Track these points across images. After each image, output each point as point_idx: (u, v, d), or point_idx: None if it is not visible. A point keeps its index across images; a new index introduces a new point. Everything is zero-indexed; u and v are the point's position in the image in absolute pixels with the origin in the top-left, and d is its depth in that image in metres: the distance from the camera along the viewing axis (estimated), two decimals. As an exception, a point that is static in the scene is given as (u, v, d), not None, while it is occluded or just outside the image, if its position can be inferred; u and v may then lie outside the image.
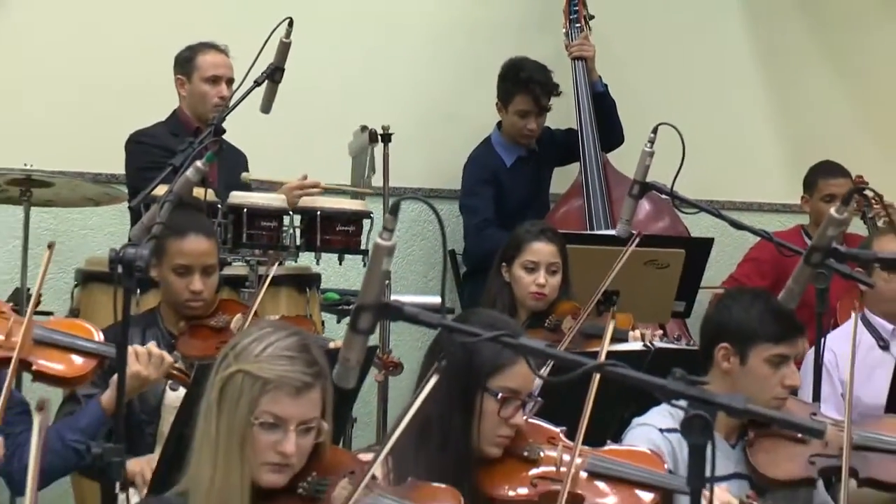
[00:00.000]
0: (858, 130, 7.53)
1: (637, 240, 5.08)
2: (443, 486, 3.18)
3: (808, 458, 4.05)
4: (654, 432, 3.96)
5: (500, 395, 3.43)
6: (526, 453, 3.53)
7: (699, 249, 5.82)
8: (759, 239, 5.69)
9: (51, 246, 4.49)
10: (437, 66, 6.75)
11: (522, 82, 6.42)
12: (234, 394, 2.93)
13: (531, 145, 6.57)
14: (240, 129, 5.19)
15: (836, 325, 5.46)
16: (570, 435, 3.55)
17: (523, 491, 3.50)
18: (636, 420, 4.06)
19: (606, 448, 3.74)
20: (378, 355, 4.76)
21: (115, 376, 3.80)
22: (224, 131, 4.80)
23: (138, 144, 5.75)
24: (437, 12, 6.79)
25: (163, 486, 3.45)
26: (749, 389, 3.92)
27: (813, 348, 4.72)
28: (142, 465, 4.18)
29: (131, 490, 4.01)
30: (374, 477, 3.02)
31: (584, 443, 3.52)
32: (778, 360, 4.04)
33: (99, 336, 4.14)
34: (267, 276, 4.81)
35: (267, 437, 2.92)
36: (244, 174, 5.56)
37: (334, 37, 6.27)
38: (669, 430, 3.95)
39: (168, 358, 4.09)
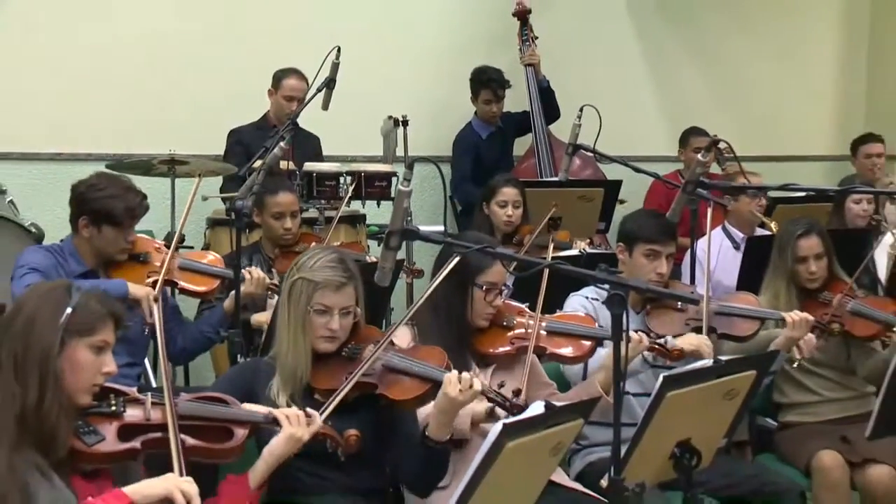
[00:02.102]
0: (714, 105, 7.47)
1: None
2: (436, 347, 3.19)
3: (685, 321, 4.02)
4: (582, 298, 3.97)
5: (484, 286, 3.49)
6: (504, 322, 3.60)
7: (612, 188, 5.78)
8: (652, 179, 5.84)
9: (205, 198, 4.82)
10: (438, 72, 6.71)
11: (485, 81, 6.42)
12: (296, 293, 3.01)
13: (497, 123, 6.53)
14: (314, 120, 5.19)
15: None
16: (533, 308, 3.63)
17: (505, 348, 3.56)
18: (571, 294, 4.04)
19: (557, 314, 3.81)
20: (405, 265, 4.80)
21: (233, 291, 3.93)
22: (297, 125, 4.80)
23: (229, 138, 5.78)
24: (437, 36, 6.75)
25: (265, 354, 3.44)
26: (634, 275, 3.90)
27: (689, 250, 4.77)
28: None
29: None
30: (391, 342, 3.07)
31: (541, 312, 3.63)
32: (651, 254, 3.99)
33: (220, 263, 4.18)
34: (331, 217, 4.94)
35: (319, 319, 2.99)
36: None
37: (371, 53, 6.23)
38: (592, 299, 3.96)
39: (266, 279, 4.11)
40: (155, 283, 3.83)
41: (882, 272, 5.23)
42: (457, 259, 3.15)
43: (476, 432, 3.35)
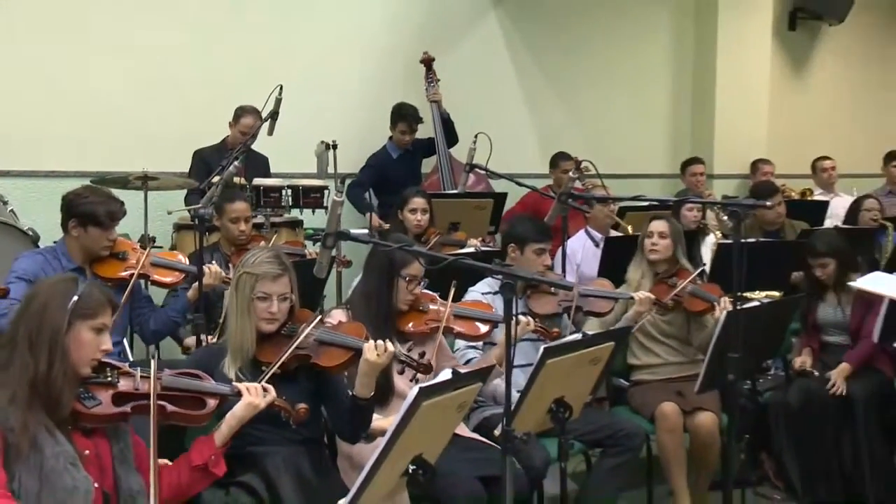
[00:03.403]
0: (574, 131, 7.44)
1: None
2: (357, 323, 3.20)
3: (558, 302, 4.06)
4: (479, 293, 3.97)
5: (407, 278, 3.50)
6: (421, 308, 3.59)
7: (500, 198, 5.78)
8: (528, 190, 5.90)
9: (170, 212, 4.85)
10: (361, 106, 6.62)
11: (403, 115, 6.36)
12: (242, 284, 2.98)
13: (408, 147, 6.46)
14: (262, 142, 5.09)
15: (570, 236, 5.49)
16: (444, 296, 3.64)
17: (421, 328, 3.56)
18: (470, 289, 4.04)
19: (462, 301, 3.83)
20: (338, 259, 4.79)
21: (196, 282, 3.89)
22: (250, 148, 4.89)
23: (193, 157, 5.69)
24: (362, 77, 6.68)
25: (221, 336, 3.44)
26: (525, 269, 3.92)
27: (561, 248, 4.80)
28: None
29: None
30: (322, 321, 3.06)
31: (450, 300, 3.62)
32: (539, 252, 4.06)
33: (185, 260, 4.13)
34: (275, 221, 4.93)
35: (261, 305, 2.97)
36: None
37: (309, 90, 6.14)
38: (489, 293, 3.97)
39: (223, 273, 4.03)
40: (132, 275, 3.83)
41: (708, 263, 5.33)
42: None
43: (397, 394, 3.35)
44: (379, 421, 3.18)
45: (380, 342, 2.94)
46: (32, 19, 5.72)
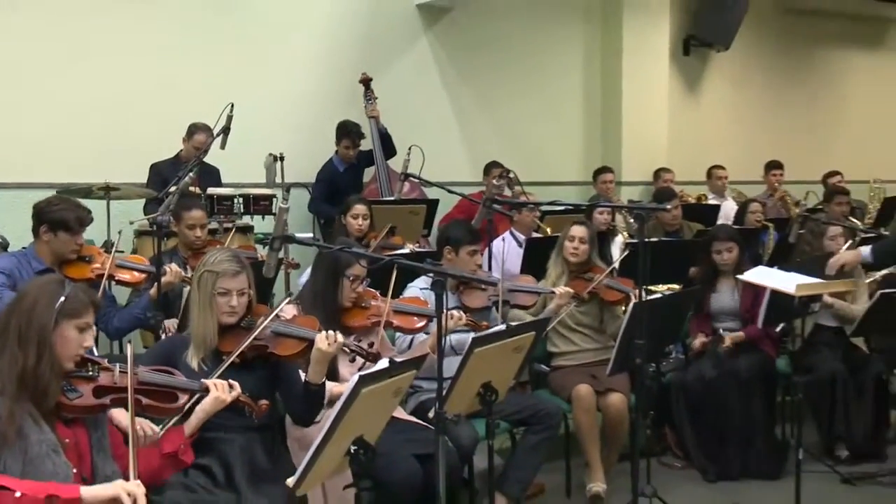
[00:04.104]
0: (500, 142, 7.36)
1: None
2: (310, 316, 3.15)
3: (487, 297, 4.06)
4: (417, 289, 3.95)
5: (350, 277, 3.46)
6: (363, 304, 3.55)
7: (432, 204, 5.79)
8: (460, 197, 5.86)
9: (132, 223, 4.80)
10: (306, 122, 6.54)
11: (346, 132, 6.30)
12: (203, 282, 2.92)
13: (352, 161, 6.41)
14: (215, 155, 5.07)
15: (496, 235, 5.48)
16: (384, 293, 3.58)
17: (364, 322, 3.51)
18: (409, 285, 4.03)
19: (400, 298, 3.81)
20: (285, 261, 4.73)
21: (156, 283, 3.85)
22: (202, 161, 4.87)
23: (150, 170, 5.58)
24: (306, 96, 6.61)
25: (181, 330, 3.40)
26: (460, 268, 3.96)
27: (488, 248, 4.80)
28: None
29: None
30: (277, 316, 3.01)
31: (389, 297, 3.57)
32: (473, 252, 4.05)
33: (146, 262, 4.08)
34: (228, 227, 4.82)
35: (222, 300, 2.91)
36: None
37: (258, 108, 6.02)
38: (426, 289, 3.94)
39: (182, 272, 4.02)
40: (99, 276, 3.81)
41: (617, 260, 5.38)
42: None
43: (340, 380, 3.30)
44: (336, 387, 3.17)
45: (330, 332, 2.90)
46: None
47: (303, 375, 3.01)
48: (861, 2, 8.90)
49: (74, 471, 2.31)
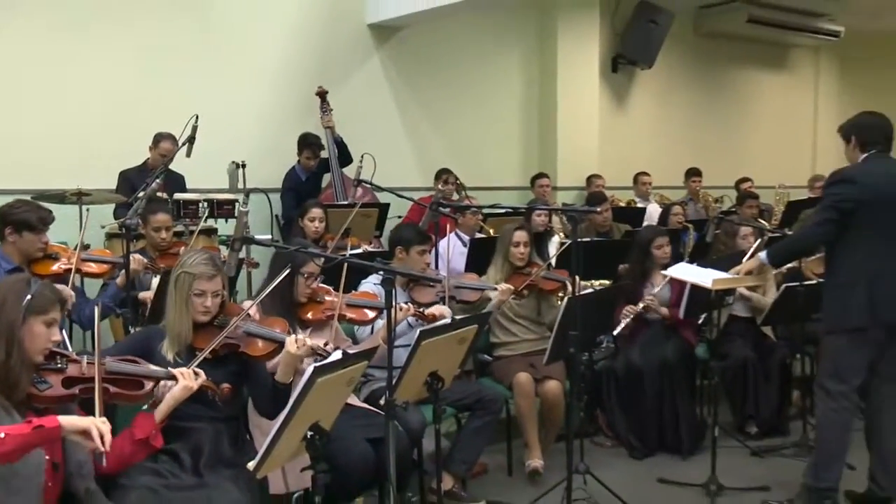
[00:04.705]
0: (445, 150, 7.35)
1: (357, 207, 5.15)
2: (281, 319, 3.09)
3: (436, 293, 4.00)
4: (371, 284, 3.89)
5: (305, 274, 3.41)
6: (318, 299, 3.50)
7: (384, 208, 5.76)
8: (411, 203, 5.85)
9: (103, 227, 4.68)
10: (267, 131, 6.46)
11: (307, 144, 6.24)
12: (181, 282, 2.86)
13: (313, 169, 6.34)
14: (181, 163, 4.99)
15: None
16: (337, 289, 3.52)
17: (319, 316, 3.46)
18: (363, 281, 3.98)
19: (354, 293, 3.78)
20: (246, 261, 4.67)
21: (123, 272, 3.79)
22: (169, 168, 4.78)
23: (119, 177, 5.49)
24: (266, 107, 6.53)
25: (154, 322, 3.34)
26: (411, 267, 3.94)
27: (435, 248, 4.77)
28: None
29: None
30: (248, 315, 2.95)
31: (343, 292, 3.51)
32: (423, 252, 4.02)
33: (110, 254, 4.06)
34: (193, 230, 4.70)
35: (197, 300, 2.85)
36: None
37: (221, 118, 5.88)
38: (377, 283, 3.89)
39: (144, 260, 4.00)
40: (67, 271, 3.76)
41: (553, 258, 5.41)
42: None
43: (297, 373, 3.25)
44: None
45: (300, 336, 2.85)
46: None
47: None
48: (767, 29, 9.07)
49: (47, 457, 2.26)
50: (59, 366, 2.40)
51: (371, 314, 3.64)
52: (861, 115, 3.80)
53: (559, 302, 4.40)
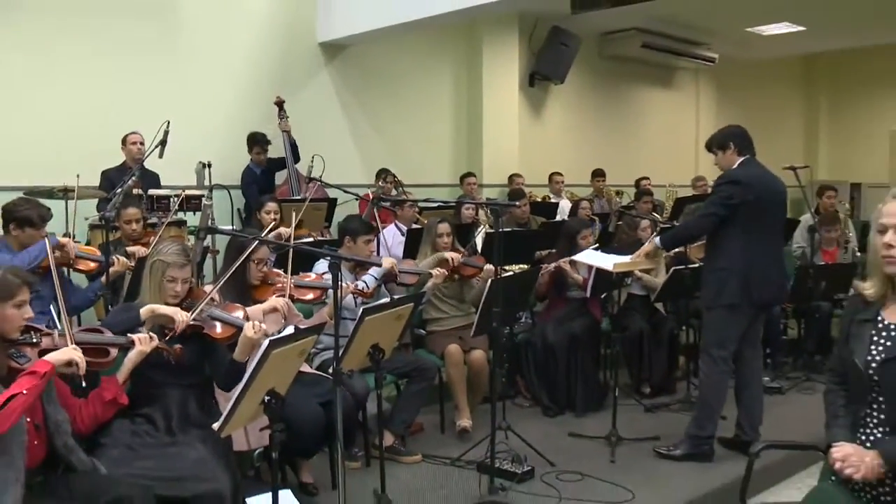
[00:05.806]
0: (386, 150, 7.27)
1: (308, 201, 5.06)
2: (239, 305, 3.04)
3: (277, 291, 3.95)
4: (322, 268, 3.83)
5: (256, 260, 3.36)
6: (270, 281, 3.42)
7: (332, 202, 5.69)
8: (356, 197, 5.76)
9: (86, 219, 4.51)
10: (230, 135, 6.27)
11: (256, 141, 6.12)
12: (155, 269, 2.81)
13: (265, 165, 6.21)
14: (154, 163, 4.88)
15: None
16: (286, 272, 3.47)
17: (270, 296, 3.37)
18: (316, 263, 3.91)
19: (303, 275, 3.72)
20: (211, 249, 4.57)
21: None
22: (144, 167, 4.74)
23: (101, 175, 5.26)
24: (229, 112, 6.37)
25: (131, 300, 3.23)
26: (357, 254, 3.87)
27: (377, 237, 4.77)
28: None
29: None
30: (212, 299, 2.90)
31: (291, 275, 3.47)
32: (367, 241, 4.03)
33: (98, 253, 3.96)
34: (163, 222, 4.55)
35: (169, 286, 2.79)
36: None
37: (189, 122, 5.66)
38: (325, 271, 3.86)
39: (128, 262, 3.92)
40: (62, 263, 3.84)
41: (479, 246, 5.44)
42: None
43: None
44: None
45: (257, 322, 2.78)
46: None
47: None
48: (657, 53, 9.29)
49: (28, 419, 2.21)
50: (34, 340, 2.36)
51: (319, 293, 3.59)
52: (730, 127, 3.87)
53: (477, 283, 4.41)
